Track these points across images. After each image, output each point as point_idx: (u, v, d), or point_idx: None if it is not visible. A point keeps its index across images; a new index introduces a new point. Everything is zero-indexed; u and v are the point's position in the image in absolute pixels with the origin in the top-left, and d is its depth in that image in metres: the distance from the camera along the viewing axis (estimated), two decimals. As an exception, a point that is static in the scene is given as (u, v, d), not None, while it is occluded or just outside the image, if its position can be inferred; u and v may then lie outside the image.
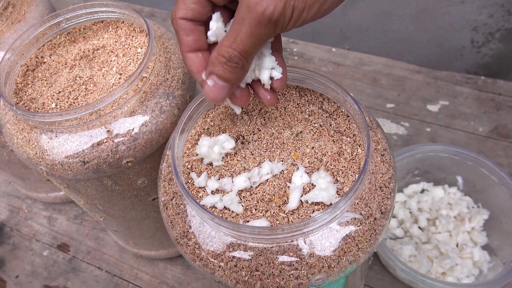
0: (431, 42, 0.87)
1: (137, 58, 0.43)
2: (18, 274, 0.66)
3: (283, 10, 0.26)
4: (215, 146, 0.37)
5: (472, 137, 0.71)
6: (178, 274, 0.63)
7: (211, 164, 0.37)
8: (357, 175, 0.34)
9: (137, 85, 0.40)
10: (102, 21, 0.48)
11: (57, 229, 0.70)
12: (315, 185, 0.34)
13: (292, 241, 0.31)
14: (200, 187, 0.36)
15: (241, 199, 0.35)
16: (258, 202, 0.34)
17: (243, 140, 0.38)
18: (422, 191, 0.63)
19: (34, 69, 0.46)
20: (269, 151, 0.37)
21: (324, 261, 0.32)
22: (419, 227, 0.59)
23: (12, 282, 0.65)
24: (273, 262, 0.31)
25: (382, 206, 0.33)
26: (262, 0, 0.25)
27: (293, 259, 0.31)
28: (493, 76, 0.80)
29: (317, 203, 0.33)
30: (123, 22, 0.47)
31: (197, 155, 0.37)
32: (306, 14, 0.26)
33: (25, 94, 0.43)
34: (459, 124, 0.73)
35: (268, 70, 0.33)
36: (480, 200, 0.60)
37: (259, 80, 0.34)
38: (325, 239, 0.32)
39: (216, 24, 0.30)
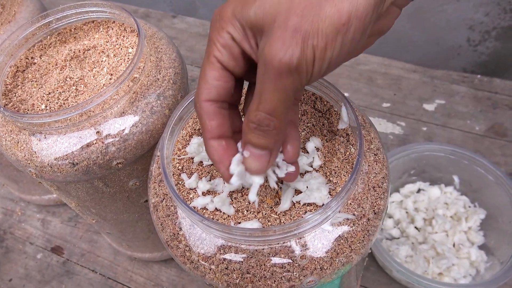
0: (427, 41, 0.87)
1: (128, 58, 0.43)
2: (12, 278, 0.65)
3: (302, 53, 0.22)
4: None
5: (469, 136, 0.71)
6: (173, 276, 0.62)
7: (202, 164, 0.36)
8: (350, 175, 0.34)
9: (127, 85, 0.39)
10: (93, 21, 0.47)
11: (51, 231, 0.69)
12: (307, 186, 0.33)
13: (284, 242, 0.31)
14: (191, 188, 0.35)
15: (232, 200, 0.34)
16: (249, 203, 0.33)
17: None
18: (418, 190, 0.63)
19: (24, 70, 0.45)
20: (261, 152, 0.36)
21: (316, 262, 0.31)
22: (416, 227, 0.59)
23: (5, 286, 0.64)
24: (264, 264, 0.31)
25: (375, 206, 0.33)
26: (275, 50, 0.22)
27: (285, 261, 0.31)
28: (490, 74, 0.79)
29: (309, 204, 0.33)
30: (114, 22, 0.47)
31: (187, 154, 0.37)
32: (331, 52, 0.23)
33: (15, 96, 0.43)
34: (455, 123, 0.73)
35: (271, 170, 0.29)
36: (476, 200, 0.59)
37: None
38: (317, 240, 0.31)
39: (237, 167, 0.27)
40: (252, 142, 0.26)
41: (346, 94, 0.80)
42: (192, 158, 0.37)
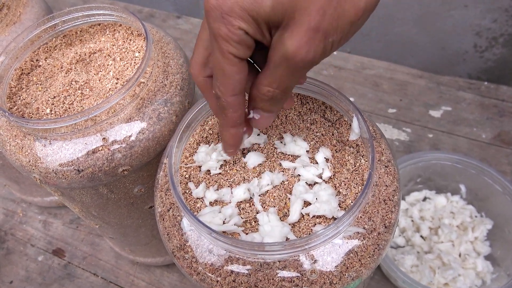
0: (433, 46, 0.86)
1: (134, 63, 0.42)
2: (12, 280, 0.65)
3: (323, 51, 0.25)
4: (213, 153, 0.36)
5: (475, 144, 0.70)
6: (175, 281, 0.62)
7: (209, 173, 0.36)
8: (360, 187, 0.33)
9: (134, 91, 0.39)
10: (99, 24, 0.47)
11: (53, 233, 0.69)
12: (317, 198, 0.33)
13: (293, 256, 0.30)
14: (198, 198, 0.35)
15: (240, 211, 0.33)
16: (257, 213, 0.33)
17: (243, 150, 0.37)
18: (424, 199, 0.62)
19: (29, 73, 0.44)
20: (270, 161, 0.36)
21: (326, 277, 0.30)
22: (421, 236, 0.58)
23: (6, 288, 0.64)
24: (272, 278, 0.30)
25: (386, 220, 0.32)
26: (299, 48, 0.24)
27: (294, 274, 0.30)
28: (496, 81, 0.79)
29: (318, 216, 0.32)
30: (120, 25, 0.46)
31: (194, 163, 0.36)
32: (344, 40, 0.25)
33: (19, 99, 0.42)
34: (461, 131, 0.72)
35: None
36: (483, 209, 0.59)
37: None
38: (327, 254, 0.31)
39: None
40: (264, 108, 0.29)
41: (351, 99, 0.79)
42: (200, 167, 0.36)
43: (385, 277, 0.57)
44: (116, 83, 0.41)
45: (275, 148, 0.36)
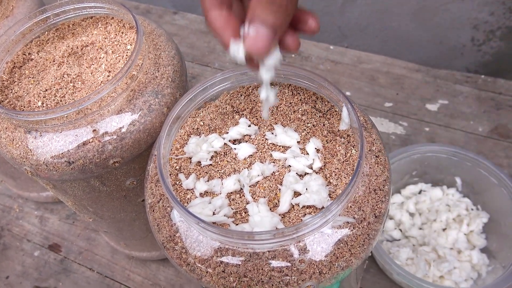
0: (430, 40, 0.86)
1: (126, 55, 0.42)
2: (9, 275, 0.65)
3: None
4: (203, 144, 0.36)
5: (472, 137, 0.70)
6: (170, 275, 0.62)
7: (200, 164, 0.36)
8: (350, 177, 0.33)
9: (125, 83, 0.39)
10: (91, 17, 0.47)
11: (49, 229, 0.69)
12: (307, 188, 0.33)
13: (282, 245, 0.30)
14: (188, 189, 0.34)
15: (230, 201, 0.33)
16: (247, 204, 0.33)
17: (234, 141, 0.37)
18: (420, 192, 0.62)
19: (21, 66, 0.44)
20: (260, 152, 0.36)
21: (315, 266, 0.30)
22: (417, 229, 0.58)
23: (2, 283, 0.64)
24: (262, 268, 0.30)
25: (376, 209, 0.32)
26: None
27: (284, 264, 0.30)
28: (494, 75, 0.78)
29: (308, 206, 0.32)
30: (112, 18, 0.46)
31: (185, 154, 0.36)
32: None
33: (11, 92, 0.42)
34: (458, 124, 0.72)
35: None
36: (479, 202, 0.58)
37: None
38: (316, 243, 0.31)
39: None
40: (262, 17, 0.25)
41: (347, 93, 0.79)
42: (190, 158, 0.36)
43: (380, 271, 0.57)
44: (108, 76, 0.41)
45: (266, 139, 0.36)
